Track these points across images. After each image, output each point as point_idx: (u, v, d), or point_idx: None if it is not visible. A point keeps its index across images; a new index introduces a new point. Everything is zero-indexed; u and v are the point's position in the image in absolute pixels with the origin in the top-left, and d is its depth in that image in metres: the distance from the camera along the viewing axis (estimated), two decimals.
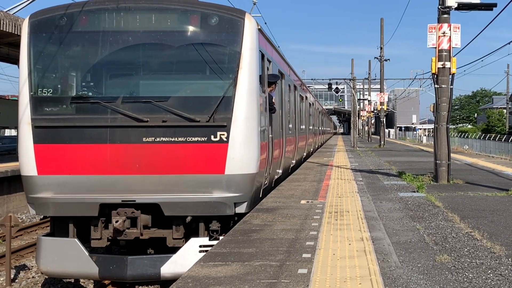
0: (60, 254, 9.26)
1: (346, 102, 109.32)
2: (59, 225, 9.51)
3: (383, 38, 42.21)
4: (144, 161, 9.10)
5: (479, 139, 52.39)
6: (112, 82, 9.98)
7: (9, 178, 17.48)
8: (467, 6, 14.10)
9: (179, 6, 9.62)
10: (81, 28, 9.59)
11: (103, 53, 9.63)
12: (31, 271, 11.51)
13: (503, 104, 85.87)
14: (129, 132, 9.15)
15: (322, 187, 13.09)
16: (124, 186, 9.13)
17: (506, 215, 9.18)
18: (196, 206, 9.12)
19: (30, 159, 9.29)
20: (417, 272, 5.73)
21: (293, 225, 8.27)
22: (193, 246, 9.06)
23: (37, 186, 9.26)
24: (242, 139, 9.24)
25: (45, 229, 15.86)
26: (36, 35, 9.51)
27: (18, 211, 17.89)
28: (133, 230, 9.07)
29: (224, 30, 9.52)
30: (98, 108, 9.25)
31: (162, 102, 9.19)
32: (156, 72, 9.83)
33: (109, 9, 9.52)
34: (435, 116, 14.71)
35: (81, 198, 9.15)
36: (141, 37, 9.60)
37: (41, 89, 9.49)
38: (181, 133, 9.10)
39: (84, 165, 9.18)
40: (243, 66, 9.30)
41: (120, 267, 9.15)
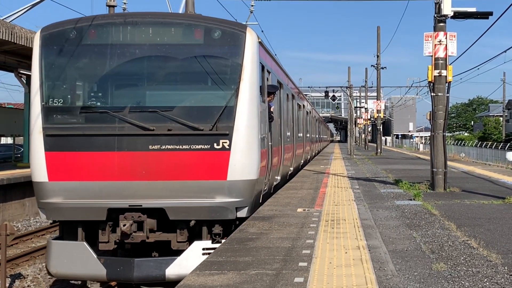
0: (69, 257, 9.61)
1: (343, 109, 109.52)
2: (68, 229, 9.88)
3: (379, 46, 42.34)
4: (150, 167, 9.50)
5: (476, 147, 52.41)
6: (120, 93, 10.40)
7: (4, 187, 17.40)
8: (463, 14, 14.16)
9: (183, 21, 10.29)
10: (90, 41, 10.02)
11: (111, 65, 10.11)
12: (27, 280, 11.45)
13: (499, 112, 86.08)
14: (136, 140, 9.56)
15: (319, 195, 13.07)
16: (131, 192, 9.52)
17: (502, 223, 9.18)
18: (199, 211, 9.50)
19: (41, 166, 9.64)
20: (414, 280, 5.71)
21: (289, 233, 8.25)
22: (197, 249, 9.41)
23: (48, 192, 9.63)
24: (244, 147, 9.65)
25: (41, 238, 15.81)
26: (47, 48, 9.96)
27: (14, 220, 17.82)
28: (139, 233, 9.45)
29: (226, 44, 9.96)
30: (106, 117, 9.68)
31: (167, 112, 9.60)
32: (161, 83, 10.31)
33: (117, 23, 10.07)
34: (432, 124, 14.74)
35: (90, 203, 9.51)
36: (147, 50, 10.04)
37: (52, 99, 9.88)
38: (186, 141, 9.51)
39: (93, 172, 9.58)
40: (245, 78, 9.72)
41: (127, 269, 9.48)
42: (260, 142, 10.14)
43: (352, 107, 56.08)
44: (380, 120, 43.54)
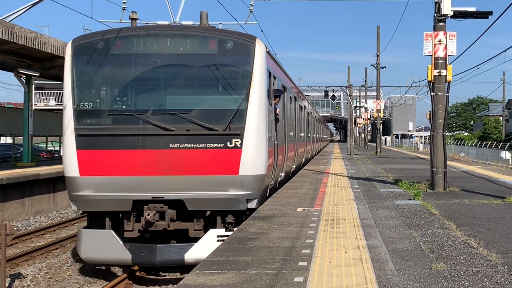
0: (98, 244, 10.81)
1: (343, 109, 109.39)
2: (95, 219, 11.10)
3: (379, 46, 42.32)
4: (170, 164, 10.67)
5: (476, 146, 52.41)
6: (143, 97, 11.70)
7: (4, 186, 17.39)
8: (463, 14, 14.16)
9: (199, 33, 11.50)
10: (116, 51, 11.24)
11: (135, 72, 11.34)
12: (26, 280, 11.45)
13: (499, 112, 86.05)
14: (157, 140, 10.76)
15: (319, 195, 13.07)
16: (154, 185, 10.68)
17: (502, 223, 9.18)
18: (214, 202, 10.71)
19: (73, 162, 10.83)
20: (414, 280, 5.71)
21: (289, 233, 8.25)
22: (212, 236, 10.57)
23: (79, 186, 10.81)
24: (253, 145, 10.85)
25: (40, 237, 15.82)
26: (78, 57, 11.17)
27: (14, 219, 17.81)
28: (161, 222, 10.63)
29: (238, 53, 11.19)
30: (131, 119, 10.92)
31: (185, 114, 10.83)
32: (180, 88, 11.62)
33: (140, 35, 11.33)
34: (431, 123, 14.74)
35: (117, 195, 10.69)
36: (167, 59, 11.28)
37: (83, 103, 11.08)
38: (202, 140, 10.71)
39: (119, 167, 10.76)
40: (254, 84, 10.94)
41: (150, 254, 10.71)
42: (267, 141, 11.30)
43: (351, 106, 56.08)
44: (379, 119, 43.52)
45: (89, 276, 11.93)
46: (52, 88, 56.63)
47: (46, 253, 13.71)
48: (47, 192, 20.09)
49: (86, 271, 12.24)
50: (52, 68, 24.06)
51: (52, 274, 11.93)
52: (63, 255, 13.52)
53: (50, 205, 20.25)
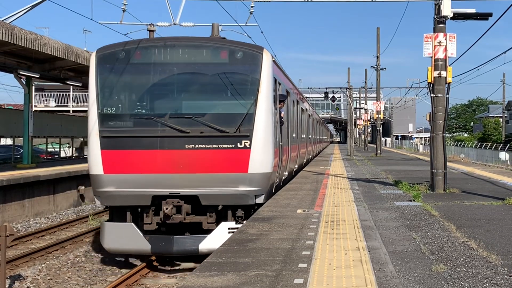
0: (120, 235, 11.84)
1: (343, 110, 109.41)
2: (117, 213, 12.20)
3: (379, 47, 42.30)
4: (186, 163, 11.70)
5: (475, 148, 52.42)
6: (161, 102, 12.65)
7: (4, 187, 17.39)
8: (462, 15, 14.16)
9: (212, 44, 12.61)
10: (137, 61, 12.33)
11: (153, 79, 12.52)
12: (26, 281, 11.44)
13: (499, 113, 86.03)
14: (174, 141, 11.79)
15: (319, 196, 13.07)
16: (171, 182, 11.70)
17: (502, 224, 9.18)
18: (225, 197, 11.77)
19: (98, 161, 11.86)
20: (414, 281, 5.71)
21: (289, 234, 8.25)
22: (224, 228, 11.58)
23: (103, 183, 11.83)
24: (261, 146, 11.89)
25: (40, 239, 15.81)
26: (102, 66, 12.24)
27: (13, 221, 17.80)
28: (178, 215, 11.68)
29: (247, 62, 12.30)
30: (150, 122, 11.95)
31: (199, 118, 11.91)
32: (194, 94, 12.66)
33: (158, 46, 12.46)
34: (431, 125, 14.74)
35: (138, 191, 11.71)
36: (183, 67, 12.44)
37: (106, 107, 12.12)
38: (214, 141, 11.75)
39: (140, 166, 11.79)
40: (262, 90, 12.00)
41: (167, 245, 11.73)
42: (274, 143, 12.40)
43: (351, 108, 56.07)
44: (379, 121, 43.50)
45: (95, 273, 11.94)
46: (52, 89, 56.65)
47: (46, 255, 13.71)
48: (47, 194, 20.08)
49: (86, 272, 12.24)
50: (52, 69, 24.05)
51: (52, 275, 11.93)
52: (63, 257, 13.51)
53: (50, 207, 20.25)
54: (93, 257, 13.63)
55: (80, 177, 22.38)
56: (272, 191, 13.20)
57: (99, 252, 14.05)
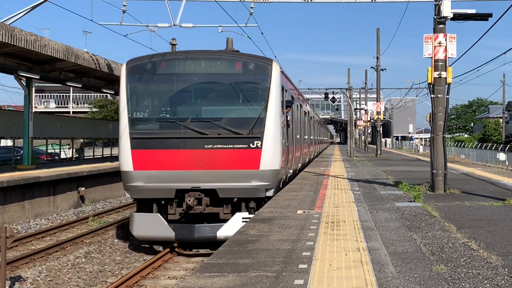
0: (148, 224, 13.40)
1: (343, 111, 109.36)
2: (143, 205, 13.76)
3: (379, 48, 42.28)
4: (205, 161, 13.30)
5: (476, 148, 52.42)
6: (183, 108, 14.28)
7: (4, 189, 17.38)
8: (462, 16, 14.16)
9: (227, 56, 14.30)
10: (162, 71, 13.93)
11: (177, 88, 14.17)
12: (26, 282, 11.43)
13: (499, 114, 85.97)
14: (195, 142, 13.37)
15: (319, 197, 13.07)
16: (192, 177, 13.30)
17: (502, 225, 9.18)
18: (240, 191, 13.37)
19: (128, 159, 13.42)
20: (414, 282, 5.70)
21: (289, 235, 8.24)
22: (238, 218, 13.10)
23: (133, 178, 13.40)
24: (271, 146, 13.49)
25: (41, 240, 15.81)
26: (131, 76, 13.85)
27: (14, 222, 17.79)
28: (199, 207, 13.32)
29: (258, 73, 13.88)
30: (174, 125, 13.57)
31: (217, 122, 13.50)
32: (212, 101, 14.31)
33: (180, 58, 14.29)
34: (432, 125, 14.73)
35: (163, 186, 13.31)
36: (202, 77, 14.12)
37: (136, 112, 13.74)
38: (230, 142, 13.36)
39: (165, 163, 13.35)
40: (271, 97, 13.60)
41: (190, 232, 13.37)
42: (281, 143, 14.02)
43: (352, 108, 56.06)
44: (379, 121, 43.49)
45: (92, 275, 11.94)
46: (52, 90, 56.70)
47: (46, 256, 13.70)
48: (47, 195, 20.08)
49: (87, 273, 12.24)
50: (52, 70, 24.03)
51: (52, 276, 11.93)
52: (63, 258, 13.51)
53: (50, 208, 20.24)
54: (93, 258, 13.63)
55: (80, 178, 22.38)
56: (280, 186, 14.77)
57: (99, 253, 14.05)
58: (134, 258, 13.75)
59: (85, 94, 55.96)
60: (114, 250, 14.59)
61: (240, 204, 13.48)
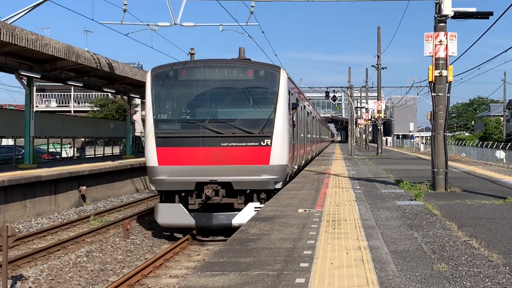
0: (171, 213, 15.02)
1: (344, 110, 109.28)
2: (166, 196, 15.34)
3: (380, 47, 42.25)
4: (221, 157, 14.88)
5: (477, 147, 52.39)
6: (202, 110, 15.83)
7: (6, 188, 17.40)
8: (463, 14, 14.15)
9: (241, 65, 15.92)
10: (182, 78, 15.56)
11: (196, 92, 15.84)
12: (28, 281, 11.45)
13: (500, 112, 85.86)
14: (212, 140, 14.96)
15: (320, 196, 13.07)
16: (210, 172, 14.89)
17: (503, 223, 9.18)
18: (252, 184, 14.95)
19: (153, 156, 15.04)
20: (415, 281, 5.71)
21: (290, 234, 8.25)
22: (251, 208, 14.63)
23: (158, 172, 15.04)
24: (279, 144, 15.07)
25: (42, 239, 15.83)
26: (155, 82, 15.52)
27: (15, 221, 17.82)
28: (216, 197, 14.88)
29: (268, 79, 15.48)
30: (194, 125, 15.22)
31: (232, 122, 15.12)
32: (227, 104, 15.94)
33: (199, 66, 15.84)
34: (432, 124, 14.73)
35: (185, 179, 14.92)
36: (218, 83, 15.81)
37: (160, 114, 15.36)
38: (243, 140, 14.95)
39: (186, 159, 14.96)
40: (279, 101, 15.25)
41: (208, 219, 14.95)
42: (288, 142, 15.65)
43: (352, 107, 56.04)
44: (380, 120, 43.47)
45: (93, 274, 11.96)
46: (54, 89, 56.68)
47: (48, 255, 13.72)
48: (48, 194, 20.10)
49: (88, 272, 12.26)
50: (53, 70, 24.04)
51: (54, 275, 11.94)
52: (65, 257, 13.52)
53: (51, 207, 20.26)
54: (94, 257, 13.64)
55: (82, 177, 22.40)
56: (287, 179, 16.50)
57: (100, 252, 14.07)
58: (136, 257, 13.76)
59: (86, 93, 55.95)
60: (115, 249, 14.60)
61: (252, 195, 15.10)
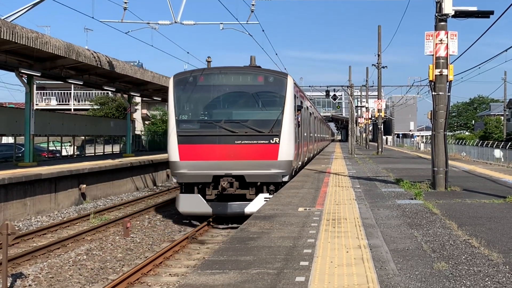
0: (190, 202, 16.96)
1: (344, 109, 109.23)
2: (186, 188, 17.20)
3: (380, 45, 42.23)
4: (235, 153, 16.71)
5: (477, 146, 52.38)
6: (218, 112, 17.73)
7: (6, 186, 17.40)
8: (464, 13, 14.13)
9: (252, 72, 17.81)
10: (201, 83, 17.43)
11: (212, 96, 17.78)
12: (28, 279, 11.45)
13: (500, 111, 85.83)
14: (227, 138, 16.81)
15: (320, 194, 13.07)
16: (225, 166, 16.73)
17: (503, 222, 9.18)
18: (262, 177, 16.81)
19: (176, 152, 16.92)
20: (415, 280, 5.71)
21: (290, 232, 8.25)
22: (261, 198, 16.43)
23: (179, 166, 16.91)
24: (286, 142, 16.92)
25: (42, 237, 15.83)
26: (177, 87, 17.43)
27: (15, 219, 17.82)
28: (231, 189, 16.74)
29: (276, 84, 17.40)
30: (211, 125, 17.14)
31: (244, 123, 17.00)
32: (241, 106, 17.85)
33: (216, 73, 17.83)
34: (433, 123, 14.72)
35: (203, 172, 16.79)
36: (232, 88, 17.78)
37: (181, 115, 17.35)
38: (255, 138, 16.82)
39: (204, 155, 16.80)
40: (286, 104, 17.14)
41: (223, 208, 16.85)
42: (294, 140, 17.55)
43: (353, 106, 55.99)
44: (381, 119, 43.48)
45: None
46: (54, 88, 56.66)
47: (48, 253, 13.72)
48: (48, 192, 20.10)
49: (88, 270, 12.26)
50: (53, 68, 24.03)
51: (54, 273, 11.94)
52: (65, 255, 13.52)
53: (51, 205, 20.26)
54: (94, 255, 13.64)
55: (82, 175, 22.40)
56: (293, 173, 18.46)
57: (100, 250, 14.07)
58: (136, 255, 13.76)
59: (86, 91, 55.94)
60: (115, 247, 14.60)
61: (262, 187, 16.94)
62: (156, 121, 54.99)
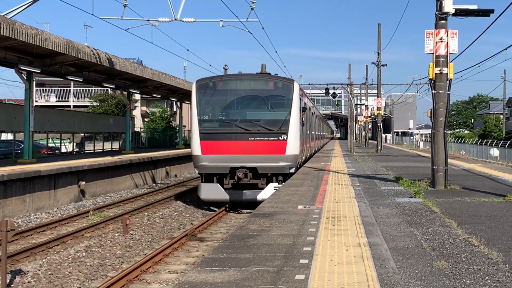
0: (210, 190, 19.71)
1: (343, 107, 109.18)
2: (206, 178, 19.88)
3: (380, 44, 42.21)
4: (249, 148, 19.37)
5: (476, 144, 52.39)
6: (234, 112, 20.47)
7: (5, 182, 17.38)
8: (464, 12, 14.12)
9: (264, 78, 20.80)
10: (220, 88, 20.21)
11: (230, 99, 20.55)
12: (27, 276, 11.44)
13: (499, 110, 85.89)
14: (242, 135, 19.50)
15: (320, 192, 13.07)
16: (241, 159, 19.41)
17: (503, 221, 9.18)
18: (272, 168, 19.46)
19: (198, 147, 19.60)
20: (415, 278, 5.71)
21: (290, 230, 8.25)
22: (271, 187, 19.05)
23: (201, 160, 19.61)
24: (292, 139, 19.57)
25: (41, 234, 15.82)
26: (199, 91, 20.10)
27: (14, 216, 17.81)
28: (245, 179, 19.42)
29: (284, 89, 20.15)
30: (228, 124, 19.86)
31: (257, 122, 19.71)
32: (254, 108, 20.55)
33: (232, 79, 20.67)
34: (432, 121, 14.72)
35: (222, 165, 19.51)
36: (247, 92, 20.54)
37: (203, 115, 19.99)
38: (266, 136, 19.46)
39: (222, 150, 19.49)
40: (293, 106, 19.80)
41: (239, 195, 19.61)
42: (300, 137, 20.31)
43: (352, 104, 55.97)
44: (380, 117, 43.47)
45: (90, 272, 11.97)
46: (53, 84, 56.65)
47: (47, 250, 13.71)
48: (47, 189, 20.10)
49: (87, 267, 12.26)
50: (53, 64, 24.00)
51: (53, 270, 11.94)
52: (64, 252, 13.52)
53: (51, 202, 20.26)
54: (93, 252, 13.64)
55: (81, 172, 22.39)
56: (298, 166, 21.16)
57: (100, 247, 14.07)
58: (135, 252, 13.76)
59: (85, 88, 55.89)
60: (114, 244, 14.60)
61: (272, 177, 19.57)
62: (156, 118, 54.99)
